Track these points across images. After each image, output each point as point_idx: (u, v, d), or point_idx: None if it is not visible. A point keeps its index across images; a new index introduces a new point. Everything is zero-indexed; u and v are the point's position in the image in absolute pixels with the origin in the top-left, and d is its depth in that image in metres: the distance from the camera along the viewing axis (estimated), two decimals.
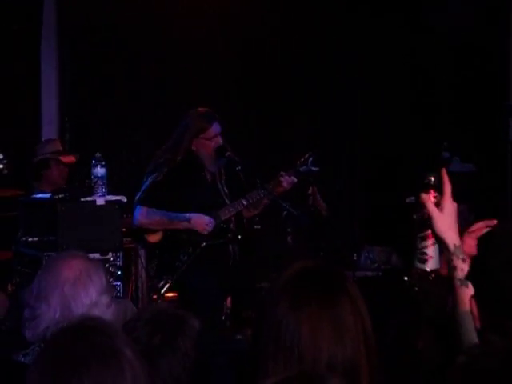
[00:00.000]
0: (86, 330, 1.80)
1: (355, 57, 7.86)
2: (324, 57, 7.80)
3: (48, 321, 2.53)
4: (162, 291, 5.17)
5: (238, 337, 4.97)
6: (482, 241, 1.86)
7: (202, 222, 5.29)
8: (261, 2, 7.70)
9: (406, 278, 4.26)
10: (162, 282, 5.23)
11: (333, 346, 1.83)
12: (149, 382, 1.78)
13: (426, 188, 2.24)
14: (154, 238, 5.34)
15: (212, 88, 7.21)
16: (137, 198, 5.32)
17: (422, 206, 2.22)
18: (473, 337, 1.93)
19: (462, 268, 2.11)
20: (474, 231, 2.36)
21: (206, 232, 5.29)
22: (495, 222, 2.27)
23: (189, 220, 5.27)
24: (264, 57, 7.62)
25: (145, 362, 1.81)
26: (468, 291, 2.00)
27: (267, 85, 7.61)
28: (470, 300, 1.81)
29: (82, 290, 2.56)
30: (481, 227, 2.35)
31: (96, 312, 2.50)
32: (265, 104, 7.64)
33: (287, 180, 5.38)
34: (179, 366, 2.22)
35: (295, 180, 5.43)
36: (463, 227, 2.31)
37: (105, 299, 2.58)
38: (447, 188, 2.21)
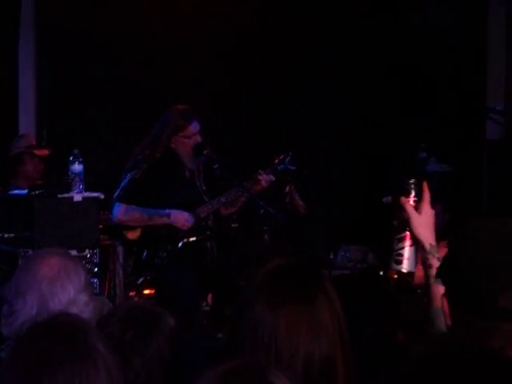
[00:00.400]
0: (58, 324, 1.81)
1: (333, 57, 7.89)
2: (302, 56, 7.82)
3: (25, 317, 2.52)
4: (140, 288, 5.16)
5: (219, 335, 4.95)
6: (453, 239, 1.87)
7: (181, 217, 5.30)
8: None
9: (381, 273, 4.29)
10: (141, 279, 5.22)
11: (310, 343, 1.84)
12: (122, 377, 1.79)
13: (407, 192, 2.34)
14: (132, 235, 5.33)
15: (191, 85, 7.21)
16: (115, 195, 5.31)
17: (400, 208, 2.31)
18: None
19: (437, 266, 2.18)
20: None
21: (185, 227, 5.30)
22: None
23: (168, 216, 5.27)
24: (244, 53, 7.63)
25: (117, 357, 1.82)
26: (441, 288, 2.04)
27: (250, 83, 7.62)
28: (442, 298, 1.83)
29: (60, 288, 2.55)
30: None
31: (74, 310, 2.49)
32: (243, 103, 7.65)
33: (265, 178, 5.40)
34: (152, 362, 2.23)
35: (273, 178, 5.45)
36: (438, 227, 2.34)
37: (83, 297, 2.57)
38: (426, 195, 2.35)
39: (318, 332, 1.85)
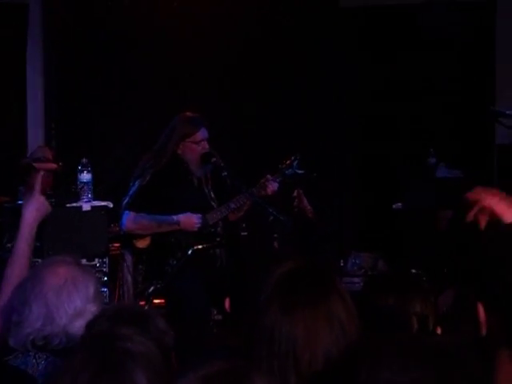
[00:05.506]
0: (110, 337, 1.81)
1: (344, 59, 7.88)
2: (312, 59, 7.80)
3: (30, 328, 2.48)
4: (151, 296, 5.13)
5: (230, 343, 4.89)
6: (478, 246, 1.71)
7: (191, 221, 5.27)
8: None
9: None
10: (152, 288, 5.19)
11: (327, 341, 1.83)
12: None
13: None
14: (142, 244, 5.30)
15: (199, 91, 7.20)
16: (124, 202, 5.27)
17: None
18: None
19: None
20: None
21: (196, 229, 5.26)
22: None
23: (178, 223, 5.24)
24: (253, 57, 7.61)
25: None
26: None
27: (254, 86, 7.61)
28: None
29: (66, 299, 2.49)
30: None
31: (81, 321, 2.43)
32: (252, 105, 7.64)
33: (270, 187, 5.37)
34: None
35: (276, 187, 5.41)
36: None
37: (91, 308, 2.50)
38: None
39: (334, 328, 1.84)
